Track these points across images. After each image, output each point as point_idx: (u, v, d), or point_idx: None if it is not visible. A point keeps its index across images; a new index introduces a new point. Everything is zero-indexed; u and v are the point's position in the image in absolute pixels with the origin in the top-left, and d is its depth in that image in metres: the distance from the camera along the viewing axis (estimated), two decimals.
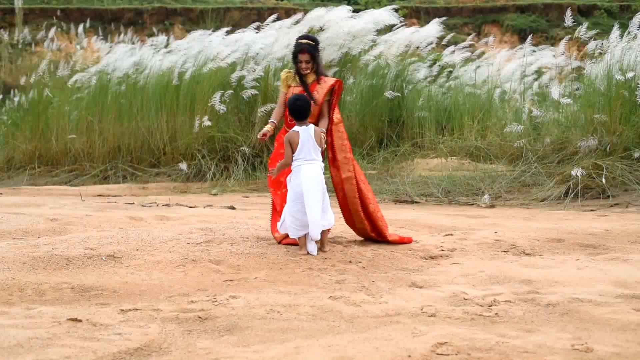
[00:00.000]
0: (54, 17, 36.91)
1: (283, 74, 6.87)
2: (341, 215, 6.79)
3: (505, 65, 16.54)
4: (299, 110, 6.23)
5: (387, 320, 4.22)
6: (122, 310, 4.41)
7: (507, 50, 19.08)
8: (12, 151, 16.96)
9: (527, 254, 6.37)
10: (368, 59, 14.86)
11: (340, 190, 6.67)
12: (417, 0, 41.92)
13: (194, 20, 36.60)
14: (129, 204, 10.10)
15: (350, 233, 7.00)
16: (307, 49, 6.60)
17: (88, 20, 33.78)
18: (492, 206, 10.13)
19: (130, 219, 8.16)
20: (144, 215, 8.48)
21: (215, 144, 13.82)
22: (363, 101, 14.49)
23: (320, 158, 6.30)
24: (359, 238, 6.88)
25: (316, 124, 6.49)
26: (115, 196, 11.98)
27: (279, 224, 6.41)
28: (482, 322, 4.20)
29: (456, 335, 3.83)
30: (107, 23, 36.97)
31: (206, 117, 13.47)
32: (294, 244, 6.34)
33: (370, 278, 5.41)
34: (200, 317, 4.28)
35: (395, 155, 13.22)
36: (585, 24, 12.81)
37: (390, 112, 14.33)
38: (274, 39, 14.71)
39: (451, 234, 7.14)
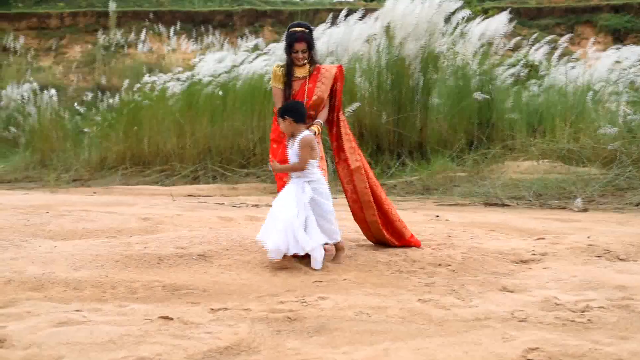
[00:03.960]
0: (146, 20, 37.56)
1: (276, 68, 6.36)
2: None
3: (598, 66, 16.22)
4: (303, 112, 5.87)
5: (476, 325, 4.17)
6: (212, 309, 4.44)
7: (601, 50, 18.72)
8: (105, 151, 17.33)
9: (621, 260, 6.21)
10: (447, 55, 14.62)
11: (349, 182, 6.37)
12: (508, 1, 41.38)
13: (284, 22, 36.80)
14: (219, 204, 10.21)
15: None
16: (303, 36, 6.12)
17: (179, 23, 34.30)
18: (585, 210, 9.93)
19: (220, 219, 8.24)
20: (233, 216, 8.55)
21: None
22: (451, 103, 14.36)
23: None
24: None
25: (316, 115, 6.22)
26: (206, 196, 12.12)
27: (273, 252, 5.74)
28: (575, 328, 4.11)
29: (548, 340, 3.77)
30: (197, 25, 37.41)
31: None
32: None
33: (460, 281, 5.36)
34: (289, 318, 4.28)
35: (486, 158, 13.07)
36: None
37: (480, 113, 14.15)
38: (349, 35, 14.62)
39: (543, 238, 7.02)
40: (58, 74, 33.72)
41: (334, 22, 15.18)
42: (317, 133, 6.13)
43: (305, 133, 5.78)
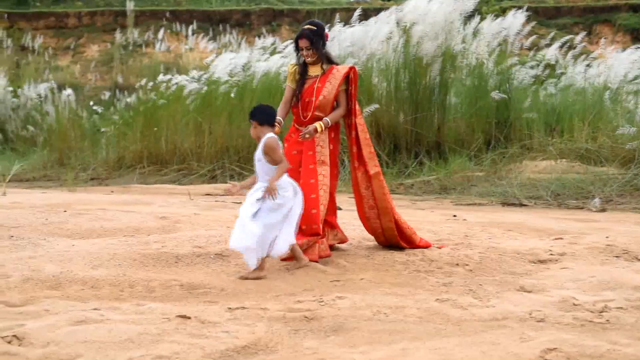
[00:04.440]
0: (164, 19, 37.64)
1: (290, 67, 6.45)
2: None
3: (616, 65, 16.14)
4: (271, 114, 5.69)
5: (494, 325, 4.16)
6: (229, 308, 4.45)
7: (619, 50, 18.61)
8: (123, 150, 17.38)
9: (639, 260, 6.19)
10: (464, 53, 14.57)
11: (368, 188, 6.26)
12: (527, 0, 41.28)
13: (301, 21, 36.70)
14: (236, 203, 10.21)
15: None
16: (306, 34, 6.15)
17: (196, 22, 34.36)
18: (603, 210, 9.89)
19: (237, 218, 8.24)
20: None
21: None
22: (468, 102, 14.33)
23: None
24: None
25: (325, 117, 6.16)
26: (223, 195, 12.13)
27: (237, 244, 5.45)
28: (593, 329, 4.09)
29: (566, 341, 3.75)
30: (215, 24, 37.46)
31: None
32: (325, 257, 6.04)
33: (478, 281, 5.34)
34: (306, 317, 4.28)
35: (503, 157, 13.04)
36: None
37: (497, 113, 14.10)
38: (366, 34, 14.60)
39: (560, 238, 7.00)
40: (76, 73, 33.85)
41: (351, 22, 15.14)
42: (318, 130, 6.13)
43: (268, 136, 5.57)
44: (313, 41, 6.15)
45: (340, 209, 7.15)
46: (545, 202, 10.62)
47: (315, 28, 6.20)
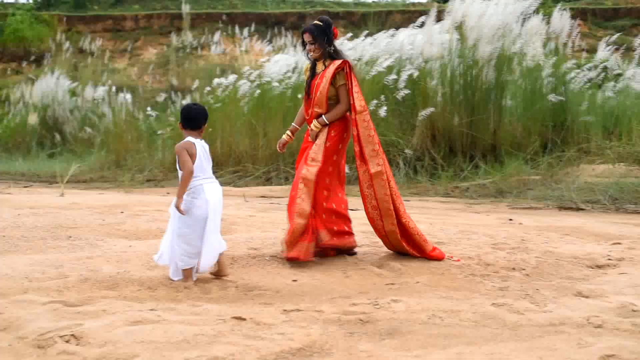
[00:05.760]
0: (220, 22, 37.86)
1: (305, 67, 6.49)
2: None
3: None
4: (193, 117, 5.38)
5: (551, 330, 4.12)
6: (284, 310, 4.46)
7: None
8: None
9: None
10: (520, 55, 14.44)
11: (369, 187, 6.08)
12: (583, 2, 40.77)
13: (356, 23, 36.75)
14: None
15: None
16: (310, 28, 6.17)
17: (252, 25, 34.49)
18: None
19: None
20: None
21: None
22: (524, 104, 14.20)
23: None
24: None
25: (327, 112, 6.16)
26: (278, 197, 12.17)
27: (156, 256, 5.41)
28: None
29: (624, 347, 3.70)
30: (270, 27, 37.57)
31: None
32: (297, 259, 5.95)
33: (534, 286, 5.29)
34: (361, 320, 4.28)
35: (560, 161, 12.91)
36: None
37: (554, 116, 13.96)
38: (423, 39, 14.55)
39: (619, 243, 6.92)
40: (133, 75, 34.19)
41: (406, 25, 15.10)
42: (314, 129, 6.19)
43: (183, 141, 5.33)
44: (316, 35, 6.17)
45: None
46: (603, 206, 10.49)
47: (320, 23, 6.23)
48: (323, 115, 6.18)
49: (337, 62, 6.17)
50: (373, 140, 6.10)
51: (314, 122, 6.22)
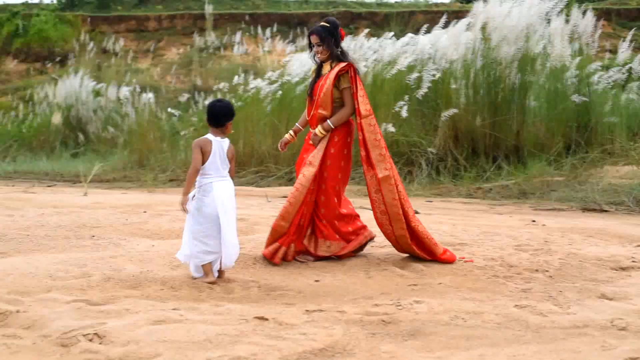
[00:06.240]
0: (242, 22, 37.91)
1: (313, 66, 6.48)
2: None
3: None
4: (216, 114, 5.47)
5: (575, 332, 4.10)
6: (307, 310, 4.46)
7: None
8: None
9: None
10: (544, 56, 14.36)
11: (377, 192, 6.05)
12: (608, 2, 40.52)
13: (379, 24, 36.68)
14: None
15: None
16: (317, 30, 6.18)
17: (275, 25, 34.53)
18: None
19: None
20: None
21: (399, 148, 13.75)
22: (548, 105, 14.13)
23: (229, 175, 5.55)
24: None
25: (332, 115, 6.15)
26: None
27: (178, 253, 5.49)
28: None
29: None
30: (293, 27, 37.56)
31: (390, 124, 13.42)
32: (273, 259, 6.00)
33: (558, 288, 5.27)
34: (383, 321, 4.27)
35: (584, 162, 12.83)
36: None
37: (578, 117, 13.88)
38: (445, 38, 14.50)
39: None
40: (156, 75, 34.28)
41: (430, 26, 15.06)
42: (318, 135, 6.22)
43: (200, 138, 5.48)
44: (323, 37, 6.17)
45: (418, 212, 7.03)
46: (627, 208, 10.42)
47: (327, 25, 6.23)
48: (328, 120, 6.17)
49: (342, 65, 6.16)
50: (380, 144, 6.11)
51: (319, 127, 6.22)
